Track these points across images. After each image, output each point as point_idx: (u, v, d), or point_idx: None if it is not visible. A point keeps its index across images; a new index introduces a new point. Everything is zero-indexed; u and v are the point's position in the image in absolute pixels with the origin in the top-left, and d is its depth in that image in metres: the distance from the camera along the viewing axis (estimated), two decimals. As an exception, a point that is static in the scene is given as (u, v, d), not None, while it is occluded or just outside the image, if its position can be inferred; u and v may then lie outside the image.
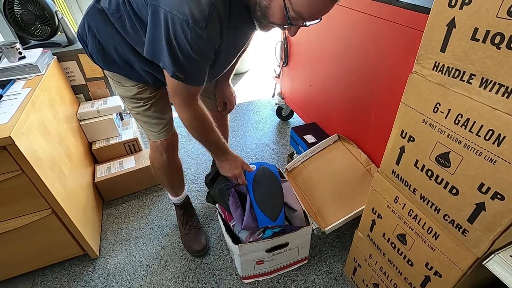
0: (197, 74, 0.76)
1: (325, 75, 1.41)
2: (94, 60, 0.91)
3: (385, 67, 1.01)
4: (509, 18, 0.43)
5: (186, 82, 0.75)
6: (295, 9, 0.65)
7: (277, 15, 0.68)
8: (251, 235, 1.02)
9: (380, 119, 1.10)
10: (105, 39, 0.84)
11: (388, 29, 0.95)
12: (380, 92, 1.07)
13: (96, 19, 0.83)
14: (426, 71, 0.58)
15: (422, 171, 0.65)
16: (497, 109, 0.48)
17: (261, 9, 0.70)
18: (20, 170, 0.90)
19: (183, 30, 0.65)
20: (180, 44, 0.67)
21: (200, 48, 0.69)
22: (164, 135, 1.03)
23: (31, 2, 1.33)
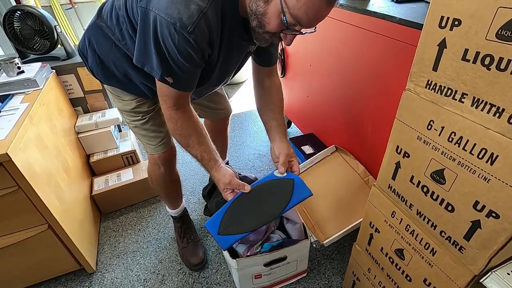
0: (186, 80, 0.74)
1: (322, 87, 1.42)
2: (94, 74, 0.92)
3: (380, 80, 1.02)
4: (497, 41, 0.43)
5: (174, 86, 0.74)
6: (293, 13, 0.63)
7: (273, 22, 0.67)
8: (249, 249, 1.01)
9: (377, 131, 1.11)
10: (104, 54, 0.86)
11: (383, 43, 0.97)
12: (376, 104, 1.08)
13: (97, 34, 0.84)
14: (419, 88, 0.59)
15: (417, 187, 0.65)
16: (489, 129, 0.48)
17: (257, 17, 0.68)
18: (17, 186, 0.90)
19: (170, 33, 0.64)
20: (168, 47, 0.66)
21: (188, 53, 0.67)
22: (162, 148, 1.03)
23: (30, 17, 1.35)
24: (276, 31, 0.68)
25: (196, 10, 0.63)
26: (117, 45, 0.82)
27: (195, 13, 0.63)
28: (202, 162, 0.86)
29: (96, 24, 0.84)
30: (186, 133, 0.82)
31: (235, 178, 0.85)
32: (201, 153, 0.84)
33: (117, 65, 0.86)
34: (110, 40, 0.82)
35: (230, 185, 0.85)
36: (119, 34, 0.80)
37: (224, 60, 0.80)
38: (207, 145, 0.85)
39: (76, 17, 2.89)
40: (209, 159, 0.85)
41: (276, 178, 0.89)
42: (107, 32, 0.82)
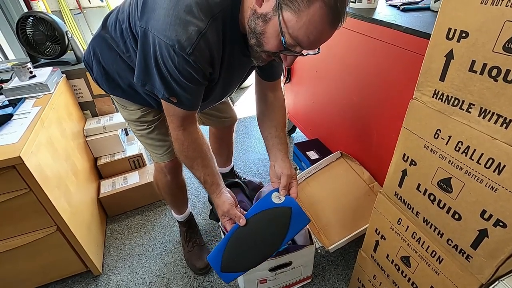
0: (190, 99, 0.73)
1: (327, 94, 1.43)
2: (99, 84, 0.93)
3: (386, 88, 1.03)
4: (504, 53, 0.44)
5: (179, 106, 0.73)
6: (292, 34, 0.60)
7: (272, 42, 0.64)
8: None
9: (383, 137, 1.11)
10: (109, 65, 0.86)
11: (389, 52, 0.98)
12: (381, 112, 1.08)
13: (101, 45, 0.85)
14: (426, 98, 0.60)
15: (424, 195, 0.66)
16: (496, 139, 0.49)
17: (255, 36, 0.65)
18: (28, 189, 0.92)
19: (170, 55, 0.63)
20: (169, 69, 0.66)
21: (190, 74, 0.66)
22: (168, 157, 1.03)
23: (42, 23, 1.38)
24: (275, 51, 0.66)
25: (195, 32, 0.61)
26: (121, 56, 0.82)
27: (194, 34, 0.61)
28: (205, 185, 0.85)
29: (101, 35, 0.84)
30: (192, 155, 0.82)
31: (234, 208, 0.83)
32: (205, 176, 0.84)
33: (122, 76, 0.87)
34: (115, 51, 0.83)
35: (228, 214, 0.83)
36: (123, 46, 0.80)
37: (226, 76, 0.78)
38: (211, 168, 0.84)
39: (85, 22, 2.94)
40: (212, 183, 0.85)
41: (273, 206, 0.85)
42: (112, 43, 0.82)
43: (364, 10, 1.12)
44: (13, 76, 1.25)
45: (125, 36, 0.79)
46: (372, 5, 1.14)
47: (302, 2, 0.56)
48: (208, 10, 0.62)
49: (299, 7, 0.57)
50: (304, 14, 0.57)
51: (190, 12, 0.61)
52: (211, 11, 0.62)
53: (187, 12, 0.61)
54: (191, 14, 0.61)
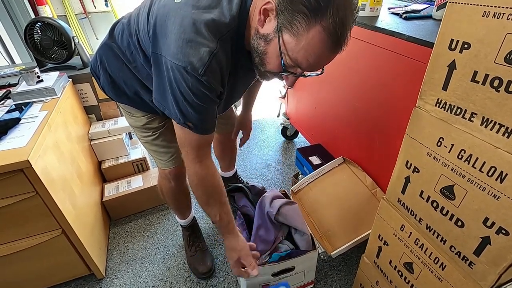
0: (206, 121, 0.73)
1: (330, 99, 1.45)
2: (106, 92, 0.95)
3: (389, 95, 1.04)
4: (506, 65, 0.46)
5: (195, 131, 0.72)
6: (292, 56, 0.61)
7: (273, 62, 0.65)
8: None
9: (385, 144, 1.12)
10: (115, 73, 0.88)
11: (391, 59, 0.99)
12: (384, 118, 1.09)
13: (108, 54, 0.86)
14: (429, 106, 0.61)
15: (427, 201, 0.66)
16: (499, 148, 0.50)
17: (258, 56, 0.67)
18: (34, 192, 0.93)
19: (183, 77, 0.64)
20: (182, 91, 0.66)
21: (203, 93, 0.66)
22: (173, 163, 1.04)
23: (50, 28, 1.40)
24: (276, 71, 0.67)
25: (206, 53, 0.62)
26: (128, 65, 0.84)
27: (206, 55, 0.62)
28: (220, 222, 0.85)
29: (108, 44, 0.86)
30: (209, 190, 0.82)
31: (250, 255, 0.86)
32: (221, 214, 0.84)
33: (128, 84, 0.88)
34: (121, 60, 0.84)
35: (246, 260, 0.85)
36: (130, 56, 0.81)
37: (230, 91, 0.80)
38: (227, 206, 0.85)
39: (90, 26, 2.97)
40: (228, 222, 0.86)
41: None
42: (118, 53, 0.84)
43: (367, 18, 1.13)
44: (21, 81, 1.27)
45: (131, 48, 0.80)
46: (375, 13, 1.15)
47: (301, 26, 0.57)
48: (217, 31, 0.63)
49: (298, 31, 0.58)
50: (303, 38, 0.58)
51: (200, 33, 0.62)
52: (219, 31, 0.63)
53: (197, 34, 0.62)
54: (201, 36, 0.62)
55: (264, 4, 0.60)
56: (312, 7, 0.55)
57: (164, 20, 0.66)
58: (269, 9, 0.60)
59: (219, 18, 0.63)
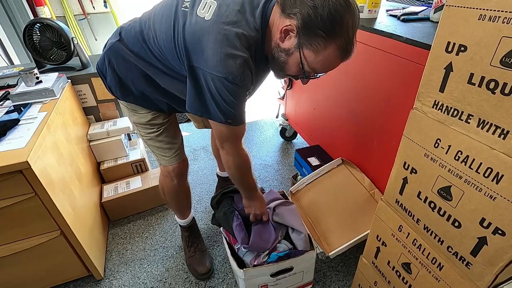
0: (241, 114, 0.83)
1: (329, 100, 1.45)
2: (112, 92, 0.96)
3: (387, 96, 1.05)
4: (502, 67, 0.46)
5: (234, 124, 0.82)
6: (311, 66, 0.74)
7: (293, 69, 0.78)
8: (255, 259, 1.03)
9: (383, 145, 1.13)
10: (124, 73, 0.90)
11: (389, 61, 1.00)
12: (382, 119, 1.10)
13: (117, 55, 0.88)
14: (427, 108, 0.61)
15: (425, 202, 0.67)
16: (495, 149, 0.50)
17: (279, 64, 0.79)
18: (33, 193, 0.93)
19: (225, 86, 0.73)
20: (223, 97, 0.75)
21: (240, 95, 0.77)
22: (176, 159, 1.06)
23: (49, 29, 1.40)
24: (295, 74, 0.81)
25: (241, 61, 0.72)
26: (137, 65, 0.87)
27: (241, 63, 0.72)
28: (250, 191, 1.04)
29: (117, 46, 0.88)
30: (245, 172, 0.97)
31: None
32: (251, 185, 1.02)
33: (136, 84, 0.91)
34: (130, 61, 0.87)
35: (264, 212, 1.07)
36: (142, 60, 0.86)
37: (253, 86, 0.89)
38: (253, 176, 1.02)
39: (89, 27, 2.97)
40: (256, 186, 1.04)
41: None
42: (127, 55, 0.87)
43: (365, 20, 1.14)
44: (20, 82, 1.27)
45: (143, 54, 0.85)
46: (373, 15, 1.16)
47: (320, 45, 0.70)
48: (246, 42, 0.73)
49: (317, 48, 0.71)
50: (321, 54, 0.71)
51: (234, 47, 0.71)
52: (248, 43, 0.73)
53: (232, 47, 0.71)
54: (235, 49, 0.71)
55: (285, 26, 0.72)
56: (328, 31, 0.68)
57: (199, 37, 0.73)
58: (289, 30, 0.72)
59: (247, 31, 0.73)
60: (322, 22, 0.66)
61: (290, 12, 0.70)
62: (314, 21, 0.67)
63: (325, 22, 0.66)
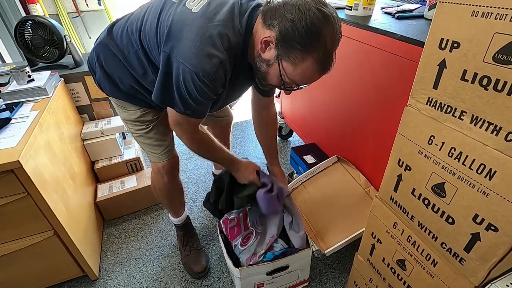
0: (202, 111, 0.83)
1: (324, 99, 1.45)
2: (101, 87, 0.96)
3: (381, 94, 1.05)
4: (494, 64, 0.46)
5: (191, 116, 0.82)
6: (290, 78, 0.75)
7: (274, 80, 0.78)
8: (251, 258, 1.02)
9: (378, 142, 1.13)
10: (111, 70, 0.90)
11: (384, 59, 1.00)
12: (377, 117, 1.10)
13: (105, 51, 0.88)
14: (420, 105, 0.61)
15: (419, 199, 0.67)
16: (488, 145, 0.50)
17: (261, 74, 0.79)
18: (26, 193, 0.91)
19: (193, 81, 0.72)
20: (189, 90, 0.74)
21: (207, 94, 0.76)
22: (166, 156, 1.06)
23: (41, 27, 1.38)
24: (277, 85, 0.81)
25: (217, 62, 0.71)
26: (123, 63, 0.87)
27: (216, 63, 0.71)
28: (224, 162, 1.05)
29: (106, 42, 0.88)
30: (207, 147, 0.97)
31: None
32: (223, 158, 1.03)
33: (123, 81, 0.91)
34: (118, 58, 0.87)
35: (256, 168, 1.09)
36: (128, 54, 0.86)
37: (229, 93, 0.89)
38: (223, 150, 1.01)
39: (83, 25, 2.94)
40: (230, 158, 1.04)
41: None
42: (116, 51, 0.87)
43: (360, 17, 1.14)
44: (11, 80, 1.25)
45: (132, 46, 0.85)
46: (368, 12, 1.16)
47: (297, 58, 0.70)
48: (227, 44, 0.72)
49: (295, 61, 0.71)
50: (299, 67, 0.71)
51: (214, 45, 0.70)
52: (229, 45, 0.73)
53: (212, 46, 0.70)
54: (215, 48, 0.70)
55: (265, 37, 0.72)
56: (305, 44, 0.68)
57: (181, 26, 0.72)
58: (269, 41, 0.72)
59: (231, 34, 0.72)
60: (299, 35, 0.66)
61: (270, 23, 0.71)
62: (291, 34, 0.67)
63: (301, 35, 0.66)
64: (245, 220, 1.12)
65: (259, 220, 1.12)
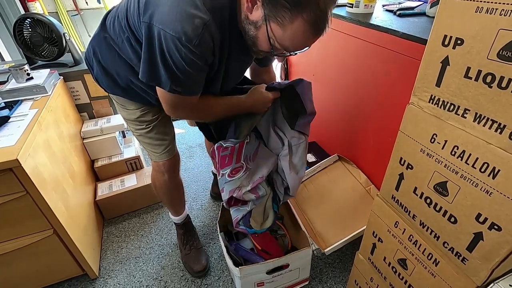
0: (193, 85, 0.76)
1: (325, 97, 1.44)
2: (99, 83, 0.94)
3: (383, 92, 1.04)
4: (499, 61, 0.45)
5: (183, 94, 0.76)
6: (280, 42, 0.68)
7: (264, 45, 0.71)
8: (235, 190, 0.95)
9: (379, 141, 1.13)
10: (108, 64, 0.88)
11: (385, 56, 0.99)
12: (378, 115, 1.09)
13: (101, 44, 0.86)
14: (423, 103, 0.61)
15: (421, 198, 0.67)
16: (491, 144, 0.50)
17: (250, 38, 0.72)
18: (25, 192, 0.91)
19: (177, 48, 0.65)
20: (174, 61, 0.68)
21: (195, 62, 0.69)
22: (166, 156, 1.05)
23: (40, 24, 1.37)
24: (268, 51, 0.73)
25: (199, 23, 0.64)
26: (120, 55, 0.84)
27: (199, 26, 0.64)
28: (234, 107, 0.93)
29: (100, 35, 0.86)
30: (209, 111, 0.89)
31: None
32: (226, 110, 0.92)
33: (120, 75, 0.88)
34: (114, 50, 0.84)
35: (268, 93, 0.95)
36: (121, 44, 0.82)
37: (226, 69, 0.83)
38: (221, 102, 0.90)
39: (82, 23, 2.93)
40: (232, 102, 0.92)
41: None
42: (111, 42, 0.84)
43: (361, 15, 1.13)
44: (10, 78, 1.24)
45: (123, 32, 0.80)
46: (369, 10, 1.15)
47: (285, 18, 0.63)
48: (210, 4, 0.66)
49: (283, 22, 0.64)
50: (288, 28, 0.64)
51: (195, 6, 0.64)
52: (212, 5, 0.66)
53: (192, 6, 0.64)
54: (195, 8, 0.64)
55: None
56: (293, 3, 0.60)
57: None
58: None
59: None
60: None
61: None
62: None
63: None
64: (240, 152, 1.03)
65: (252, 157, 1.03)
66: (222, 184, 0.98)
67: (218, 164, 1.00)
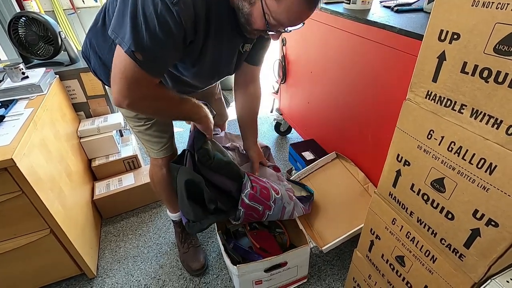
0: (157, 60, 0.66)
1: (323, 94, 1.44)
2: (97, 75, 0.93)
3: (380, 88, 1.04)
4: (495, 55, 0.45)
5: (142, 66, 0.64)
6: (275, 17, 0.66)
7: (259, 22, 0.69)
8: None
9: (377, 138, 1.12)
10: (105, 55, 0.86)
11: (383, 53, 0.98)
12: (376, 112, 1.09)
13: (97, 36, 0.85)
14: (419, 99, 0.60)
15: (418, 195, 0.66)
16: (488, 139, 0.49)
17: (244, 16, 0.70)
18: (20, 191, 0.90)
19: (153, 1, 0.59)
20: (147, 16, 0.60)
21: (169, 26, 0.61)
22: (164, 153, 1.05)
23: (35, 23, 1.36)
24: (263, 29, 0.71)
25: None
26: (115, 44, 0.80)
27: None
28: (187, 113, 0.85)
29: (96, 27, 0.86)
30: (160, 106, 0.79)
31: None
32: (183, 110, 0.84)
33: None
34: (109, 39, 0.81)
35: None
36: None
37: (215, 51, 0.78)
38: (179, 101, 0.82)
39: (79, 22, 2.91)
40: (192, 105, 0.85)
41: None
42: (105, 32, 0.82)
43: (358, 11, 1.13)
44: (5, 77, 1.23)
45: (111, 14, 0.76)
46: (366, 6, 1.14)
47: None
48: None
49: None
50: (283, 1, 0.63)
51: None
52: None
53: None
54: None
55: None
56: None
57: None
58: None
59: None
60: None
61: None
62: None
63: None
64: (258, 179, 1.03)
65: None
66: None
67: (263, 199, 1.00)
